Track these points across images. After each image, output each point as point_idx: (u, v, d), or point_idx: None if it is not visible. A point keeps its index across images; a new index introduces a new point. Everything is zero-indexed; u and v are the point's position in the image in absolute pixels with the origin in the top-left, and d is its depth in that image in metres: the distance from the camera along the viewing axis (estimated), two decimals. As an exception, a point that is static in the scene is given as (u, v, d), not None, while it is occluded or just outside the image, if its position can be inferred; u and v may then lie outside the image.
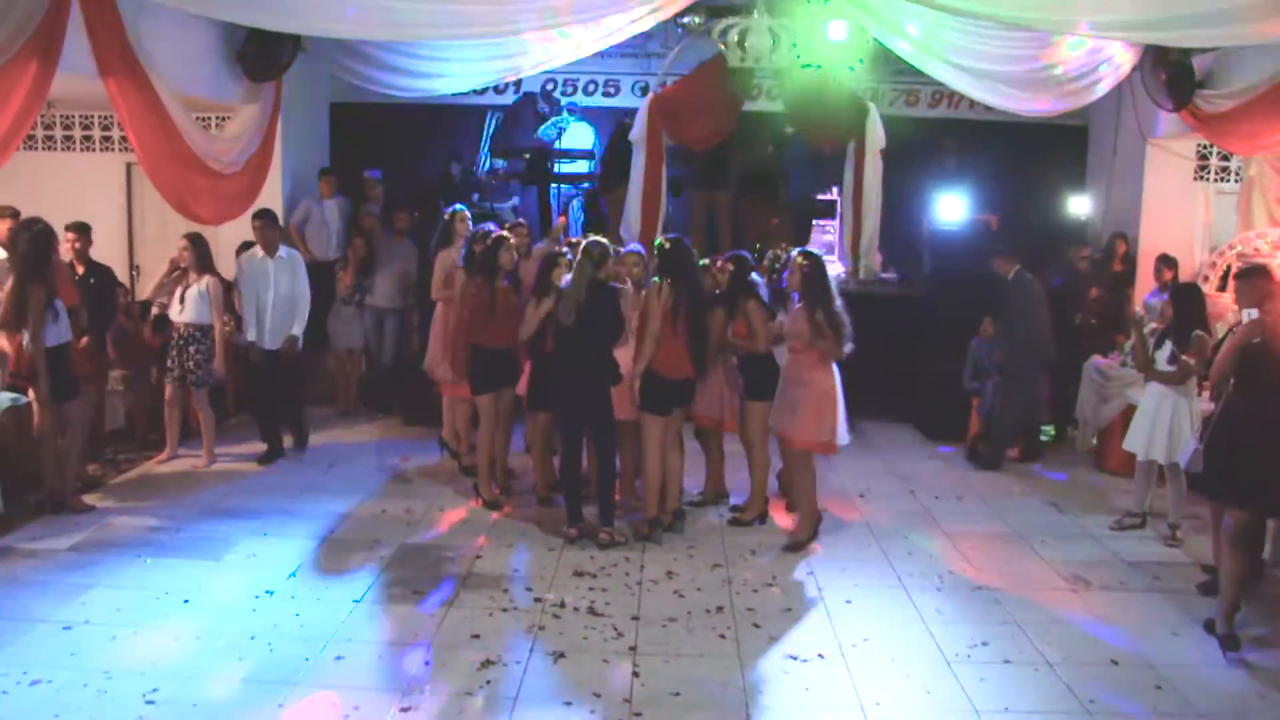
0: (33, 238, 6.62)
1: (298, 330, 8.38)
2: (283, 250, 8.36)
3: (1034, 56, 9.30)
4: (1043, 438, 9.38)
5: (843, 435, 6.63)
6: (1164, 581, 6.26)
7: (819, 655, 5.16)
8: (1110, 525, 7.25)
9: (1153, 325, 7.34)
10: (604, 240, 6.68)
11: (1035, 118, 10.23)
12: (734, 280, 6.97)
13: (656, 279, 6.73)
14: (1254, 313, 5.47)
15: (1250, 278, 5.68)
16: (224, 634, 5.20)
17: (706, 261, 7.30)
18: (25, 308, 6.56)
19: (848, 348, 6.53)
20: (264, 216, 8.31)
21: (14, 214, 7.46)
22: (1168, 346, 6.82)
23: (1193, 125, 9.37)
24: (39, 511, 6.82)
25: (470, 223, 8.07)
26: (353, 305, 10.02)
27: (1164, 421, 6.83)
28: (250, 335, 8.22)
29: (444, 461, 8.30)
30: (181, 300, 7.88)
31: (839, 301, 6.57)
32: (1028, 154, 11.40)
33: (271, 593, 5.74)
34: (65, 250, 7.43)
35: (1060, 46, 9.14)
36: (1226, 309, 8.65)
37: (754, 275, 7.09)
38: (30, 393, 6.86)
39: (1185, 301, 6.87)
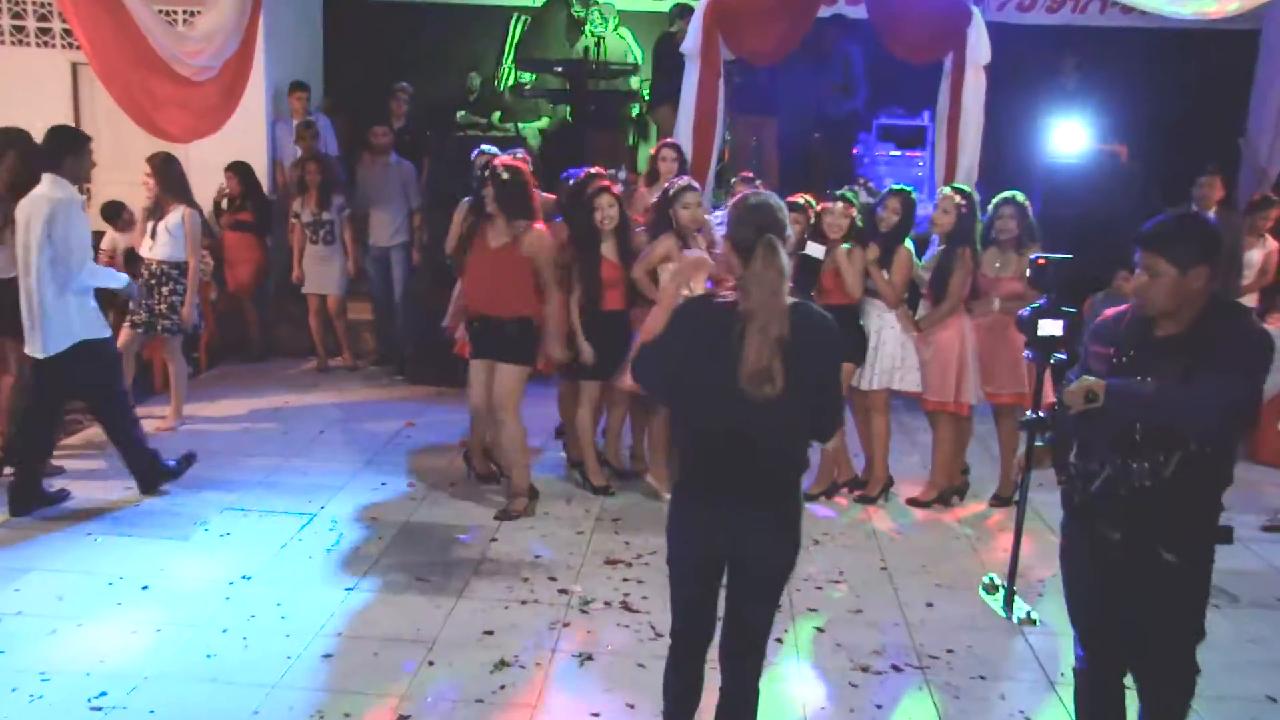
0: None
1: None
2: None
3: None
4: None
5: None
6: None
7: (893, 667, 5.15)
8: (1262, 526, 7.10)
9: None
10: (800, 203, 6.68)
11: (1185, 22, 9.89)
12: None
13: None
14: None
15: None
16: (190, 627, 5.26)
17: (803, 201, 7.12)
18: None
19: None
20: None
21: None
22: None
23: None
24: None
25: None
26: (319, 243, 9.81)
27: None
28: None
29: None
30: (153, 234, 7.90)
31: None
32: (1172, 68, 11.11)
33: (249, 578, 5.80)
34: None
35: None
36: None
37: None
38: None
39: None
